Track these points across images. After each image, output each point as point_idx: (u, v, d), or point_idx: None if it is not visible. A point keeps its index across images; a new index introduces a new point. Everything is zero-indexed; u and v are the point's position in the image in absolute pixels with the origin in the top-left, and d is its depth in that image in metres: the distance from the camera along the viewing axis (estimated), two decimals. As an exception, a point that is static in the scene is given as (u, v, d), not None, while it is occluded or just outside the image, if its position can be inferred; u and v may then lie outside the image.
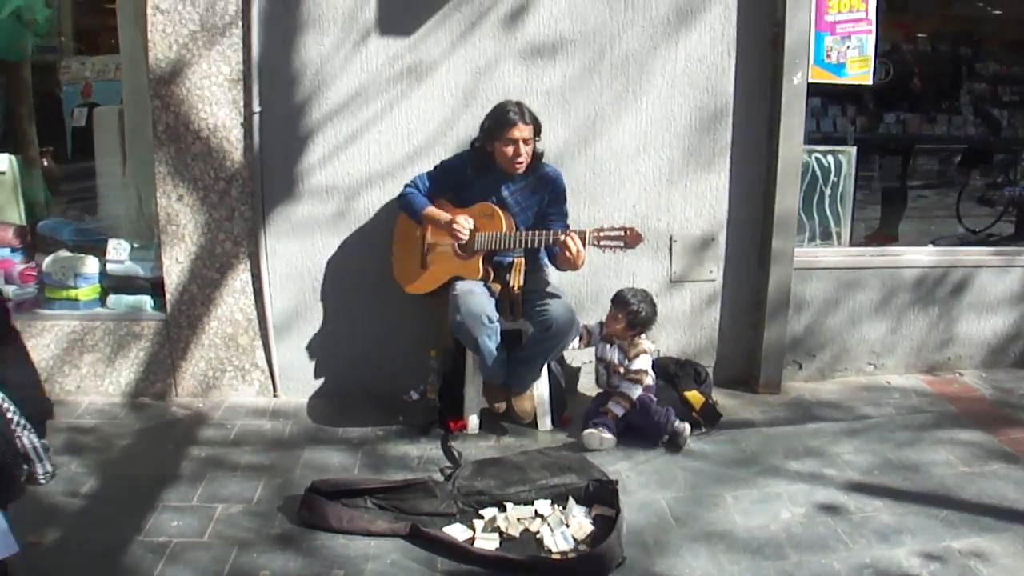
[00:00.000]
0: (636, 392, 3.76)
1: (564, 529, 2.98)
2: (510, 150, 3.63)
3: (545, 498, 3.18)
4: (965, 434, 3.84)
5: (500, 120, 3.63)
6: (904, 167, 6.57)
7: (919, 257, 4.57)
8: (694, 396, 3.94)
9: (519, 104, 3.67)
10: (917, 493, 3.35)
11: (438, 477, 3.36)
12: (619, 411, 3.73)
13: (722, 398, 4.20)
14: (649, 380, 3.83)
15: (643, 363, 3.81)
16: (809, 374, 4.51)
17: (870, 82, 4.17)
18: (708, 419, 3.91)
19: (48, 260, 4.20)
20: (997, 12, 7.89)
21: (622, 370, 3.82)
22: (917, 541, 2.99)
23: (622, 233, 3.48)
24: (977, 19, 7.72)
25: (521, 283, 3.74)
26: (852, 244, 4.68)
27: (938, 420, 4.03)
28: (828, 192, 4.48)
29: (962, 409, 4.15)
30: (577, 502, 3.16)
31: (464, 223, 3.67)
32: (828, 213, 4.51)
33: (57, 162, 4.96)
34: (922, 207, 6.93)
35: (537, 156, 3.75)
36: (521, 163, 3.68)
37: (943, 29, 7.44)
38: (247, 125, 3.93)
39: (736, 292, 4.33)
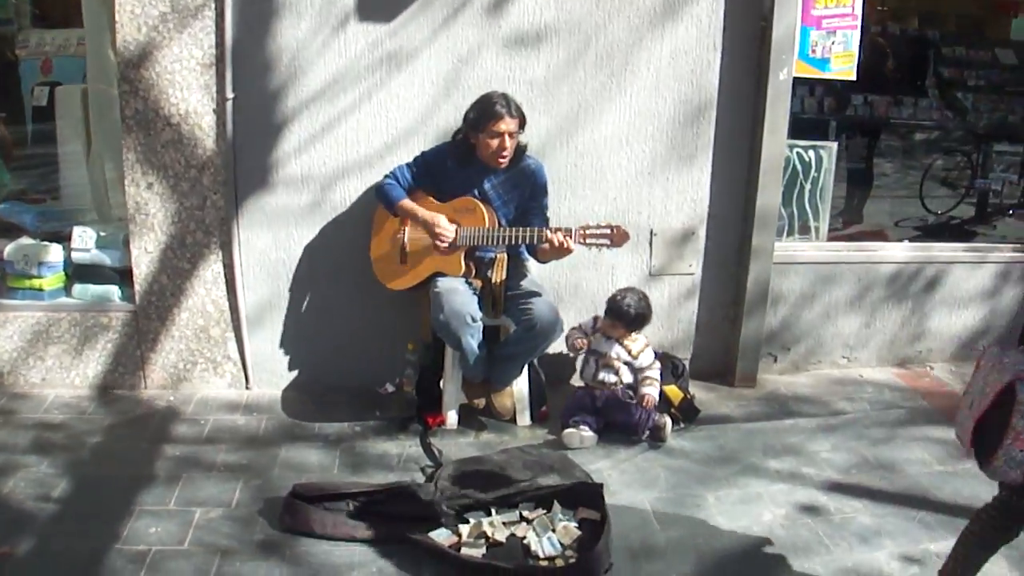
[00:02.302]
0: (656, 390, 3.81)
1: (550, 534, 2.96)
2: (495, 143, 3.54)
3: (530, 500, 3.16)
4: (938, 431, 3.88)
5: (486, 112, 3.52)
6: (870, 149, 6.62)
7: (895, 253, 4.60)
8: (672, 391, 3.94)
9: (505, 96, 3.57)
10: (894, 493, 3.40)
11: (420, 479, 3.32)
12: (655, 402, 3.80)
13: (698, 391, 4.21)
14: (629, 376, 3.83)
15: (649, 357, 3.85)
16: (784, 367, 4.53)
17: (853, 77, 4.16)
18: (686, 415, 3.91)
19: (10, 248, 4.02)
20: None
21: (618, 364, 3.78)
22: (896, 543, 3.04)
23: (608, 231, 3.44)
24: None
25: (503, 278, 3.69)
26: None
27: (912, 416, 4.08)
28: (808, 187, 4.47)
29: (934, 404, 4.21)
30: (562, 503, 3.14)
31: (447, 228, 3.58)
32: (807, 207, 4.51)
33: (15, 141, 4.77)
34: (886, 186, 7.00)
35: (520, 149, 3.67)
36: (505, 157, 3.59)
37: (908, 4, 7.47)
38: (220, 111, 3.79)
39: (714, 286, 4.32)
